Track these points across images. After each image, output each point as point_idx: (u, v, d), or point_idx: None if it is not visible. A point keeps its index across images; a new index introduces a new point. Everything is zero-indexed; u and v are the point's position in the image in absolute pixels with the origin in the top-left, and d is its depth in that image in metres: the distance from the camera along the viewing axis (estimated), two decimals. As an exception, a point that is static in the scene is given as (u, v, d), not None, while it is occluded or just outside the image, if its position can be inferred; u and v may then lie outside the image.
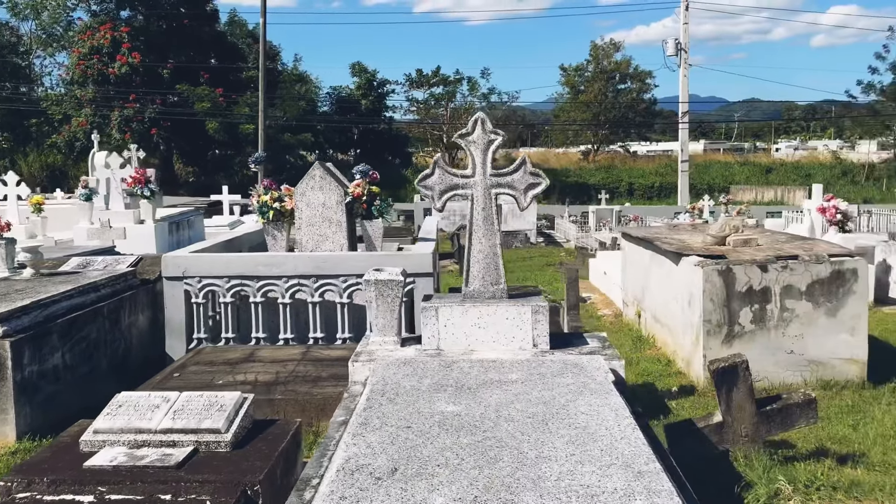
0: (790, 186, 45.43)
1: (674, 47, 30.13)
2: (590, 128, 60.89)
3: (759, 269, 5.79)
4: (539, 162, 57.43)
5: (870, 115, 48.27)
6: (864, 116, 49.33)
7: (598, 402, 2.88)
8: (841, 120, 54.75)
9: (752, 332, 5.84)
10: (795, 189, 44.37)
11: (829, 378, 5.86)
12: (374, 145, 42.85)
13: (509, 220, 20.21)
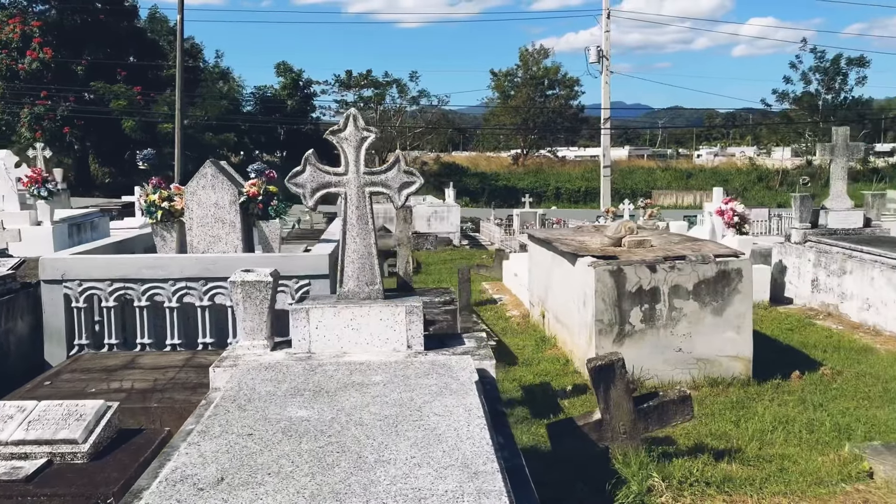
0: (709, 191, 47.21)
1: (596, 55, 30.81)
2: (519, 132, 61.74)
3: (649, 269, 5.90)
4: (469, 165, 57.89)
5: (784, 122, 50.69)
6: (779, 124, 51.77)
7: (455, 403, 2.83)
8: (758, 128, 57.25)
9: (643, 331, 5.95)
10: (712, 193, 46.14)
11: (717, 375, 6.03)
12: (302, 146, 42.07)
13: (432, 222, 20.22)
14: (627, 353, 5.92)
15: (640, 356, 5.95)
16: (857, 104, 47.97)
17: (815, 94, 47.96)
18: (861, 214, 9.31)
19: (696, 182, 51.29)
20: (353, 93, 46.85)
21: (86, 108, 36.29)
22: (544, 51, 62.02)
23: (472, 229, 25.51)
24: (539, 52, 61.50)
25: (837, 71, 47.10)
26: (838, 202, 9.40)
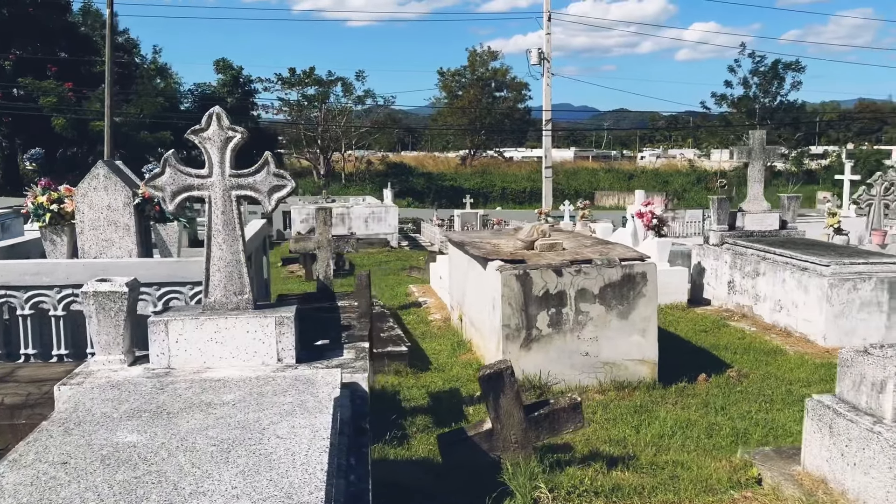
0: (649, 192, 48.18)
1: (537, 57, 30.97)
2: (466, 133, 61.80)
3: (555, 273, 5.84)
4: (416, 165, 57.72)
5: (722, 125, 52.05)
6: (717, 127, 53.13)
7: (304, 424, 2.66)
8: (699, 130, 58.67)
9: (550, 335, 5.88)
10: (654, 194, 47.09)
11: (623, 379, 6.00)
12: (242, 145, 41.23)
13: (370, 223, 19.97)
14: (535, 358, 5.87)
15: (548, 361, 5.88)
16: (792, 108, 49.59)
17: (753, 97, 49.41)
18: (777, 217, 9.49)
19: (637, 183, 52.13)
20: (296, 91, 46.09)
21: (13, 105, 34.79)
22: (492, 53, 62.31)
23: (414, 230, 25.34)
24: (487, 54, 61.75)
25: (775, 75, 48.64)
26: (755, 204, 9.56)
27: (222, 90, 41.50)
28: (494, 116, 61.50)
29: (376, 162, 49.98)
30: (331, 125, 45.51)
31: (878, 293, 7.33)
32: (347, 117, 46.13)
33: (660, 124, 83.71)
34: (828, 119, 76.22)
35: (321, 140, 45.90)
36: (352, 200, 23.19)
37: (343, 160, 47.35)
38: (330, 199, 23.00)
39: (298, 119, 46.04)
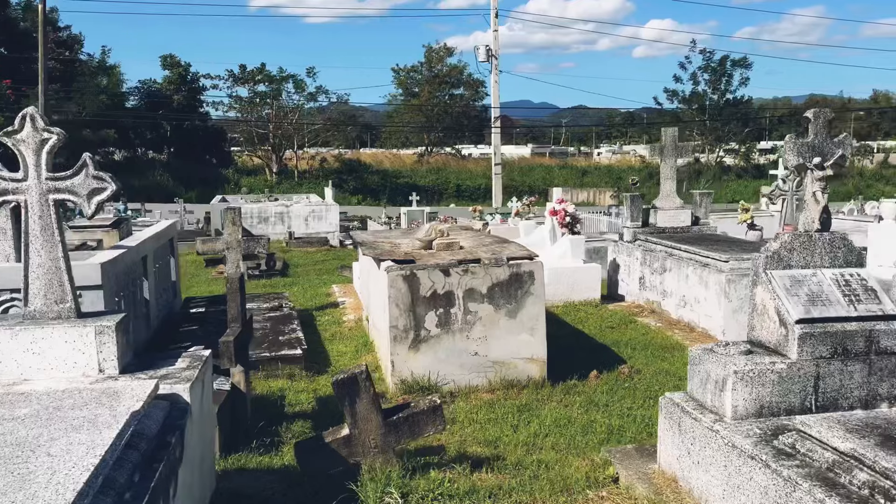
0: (601, 188, 48.72)
1: (485, 53, 31.03)
2: (423, 130, 61.65)
3: (442, 273, 5.79)
4: (373, 163, 57.38)
5: (673, 122, 52.85)
6: (668, 123, 53.93)
7: (84, 440, 2.55)
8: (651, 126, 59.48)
9: (439, 336, 5.84)
10: (606, 190, 47.63)
11: (513, 378, 5.99)
12: (190, 143, 40.56)
13: (310, 222, 19.76)
14: (424, 359, 5.82)
15: (437, 362, 5.84)
16: (740, 103, 50.56)
17: (703, 93, 50.27)
18: (689, 213, 9.60)
19: (590, 180, 52.80)
20: (246, 88, 45.38)
21: (-53, 102, 33.56)
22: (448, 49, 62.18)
23: (360, 228, 25.17)
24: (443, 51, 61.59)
25: (724, 72, 49.54)
26: (668, 201, 9.67)
27: (169, 87, 40.64)
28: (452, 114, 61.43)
29: (330, 159, 49.49)
30: (282, 122, 44.92)
31: (775, 288, 7.44)
32: (299, 114, 45.59)
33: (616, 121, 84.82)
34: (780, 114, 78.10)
35: (273, 137, 45.28)
36: (295, 198, 22.91)
37: (296, 158, 46.80)
38: (273, 197, 22.69)
39: (249, 116, 45.35)
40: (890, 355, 3.80)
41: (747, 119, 51.53)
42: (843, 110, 75.70)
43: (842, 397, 3.77)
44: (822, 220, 4.01)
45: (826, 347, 3.74)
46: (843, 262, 4.03)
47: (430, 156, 60.83)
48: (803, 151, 4.00)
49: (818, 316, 3.76)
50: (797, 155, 4.00)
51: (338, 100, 46.89)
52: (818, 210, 3.98)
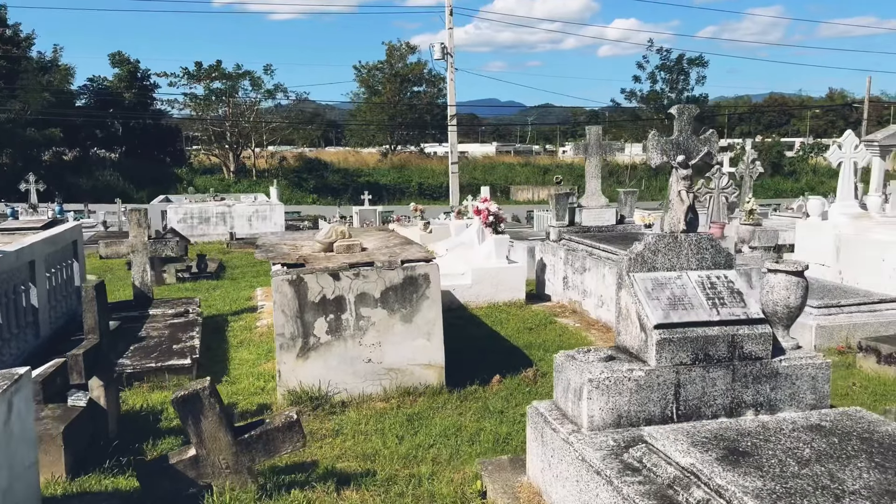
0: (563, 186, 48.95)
1: (440, 51, 30.81)
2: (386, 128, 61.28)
3: (332, 277, 5.56)
4: (336, 161, 56.84)
5: (631, 120, 53.31)
6: (626, 121, 54.40)
7: None
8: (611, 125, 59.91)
9: (329, 343, 5.61)
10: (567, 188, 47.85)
11: (409, 385, 5.79)
12: (142, 142, 39.66)
13: (254, 222, 19.37)
14: (313, 367, 5.58)
15: (328, 370, 5.61)
16: (696, 102, 51.15)
17: (661, 92, 50.73)
18: (614, 212, 9.51)
19: (550, 177, 52.92)
20: (202, 85, 44.51)
21: None
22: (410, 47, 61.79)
23: (311, 227, 24.81)
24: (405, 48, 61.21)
25: (680, 70, 50.05)
26: (593, 200, 9.56)
27: (119, 85, 39.69)
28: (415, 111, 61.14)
29: (290, 158, 48.89)
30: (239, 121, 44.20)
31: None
32: (256, 112, 44.90)
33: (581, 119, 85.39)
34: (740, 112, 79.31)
35: (230, 136, 44.53)
36: (243, 198, 22.46)
37: (254, 156, 46.11)
38: (219, 197, 22.20)
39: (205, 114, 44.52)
40: (754, 361, 3.68)
41: (703, 117, 52.17)
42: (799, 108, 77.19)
43: (705, 405, 3.64)
44: (689, 220, 3.87)
45: (686, 354, 3.61)
46: (711, 263, 3.90)
47: (394, 154, 60.48)
48: (667, 149, 3.86)
49: (678, 321, 3.62)
50: (661, 153, 3.85)
51: (296, 97, 46.24)
52: (683, 210, 3.84)
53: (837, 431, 3.17)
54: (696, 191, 10.80)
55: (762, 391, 3.68)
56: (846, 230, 9.44)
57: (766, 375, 3.68)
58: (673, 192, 3.89)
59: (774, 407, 3.70)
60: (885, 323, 7.52)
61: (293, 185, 47.68)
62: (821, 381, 3.75)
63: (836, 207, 10.01)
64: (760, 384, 3.67)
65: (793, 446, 3.02)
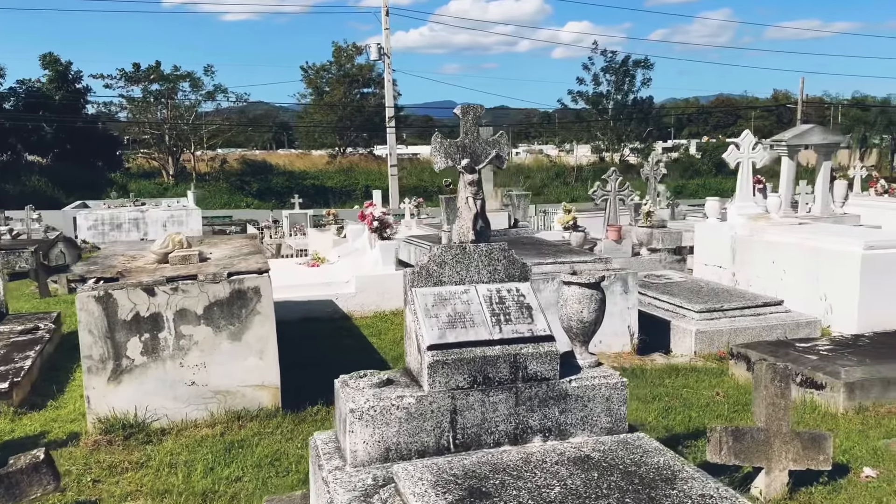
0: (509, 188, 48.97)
1: (377, 52, 30.38)
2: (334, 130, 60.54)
3: (146, 292, 5.09)
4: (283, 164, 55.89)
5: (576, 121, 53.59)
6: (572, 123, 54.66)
7: None
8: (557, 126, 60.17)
9: (145, 365, 5.13)
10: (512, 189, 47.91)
11: (240, 408, 5.35)
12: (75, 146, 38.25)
13: (169, 227, 18.64)
14: (127, 392, 5.10)
15: (144, 395, 5.14)
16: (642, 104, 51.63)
17: (606, 94, 51.06)
18: (507, 215, 9.21)
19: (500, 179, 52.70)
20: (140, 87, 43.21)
21: None
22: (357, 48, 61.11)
23: (238, 232, 24.12)
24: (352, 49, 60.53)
25: (626, 72, 50.43)
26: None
27: (50, 87, 38.25)
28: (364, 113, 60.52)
29: (231, 161, 47.83)
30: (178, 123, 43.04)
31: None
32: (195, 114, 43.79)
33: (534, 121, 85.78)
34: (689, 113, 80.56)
35: (168, 139, 43.34)
36: (164, 203, 21.69)
37: (194, 159, 44.96)
38: (140, 202, 21.39)
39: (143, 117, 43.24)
40: (540, 382, 3.35)
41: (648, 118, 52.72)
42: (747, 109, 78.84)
43: (486, 433, 3.29)
44: (479, 229, 3.53)
45: (463, 377, 3.25)
46: (504, 276, 3.56)
47: (343, 157, 59.76)
48: (451, 153, 3.51)
49: (454, 340, 3.27)
50: (445, 157, 3.50)
51: (237, 98, 45.22)
52: (470, 218, 3.50)
53: (603, 464, 2.85)
54: (592, 193, 10.59)
55: (550, 415, 3.35)
56: (742, 231, 9.30)
57: (554, 398, 3.35)
58: (461, 198, 3.55)
59: (565, 432, 3.37)
60: (768, 327, 7.35)
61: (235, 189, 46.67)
62: (616, 403, 3.44)
63: (734, 208, 9.88)
64: (548, 407, 3.34)
65: (543, 484, 2.68)
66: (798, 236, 8.47)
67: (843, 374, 5.41)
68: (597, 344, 7.32)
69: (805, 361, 5.75)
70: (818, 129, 12.50)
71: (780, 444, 4.14)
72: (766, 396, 4.16)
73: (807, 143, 12.36)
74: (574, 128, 53.79)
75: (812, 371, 5.58)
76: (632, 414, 5.52)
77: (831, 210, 12.58)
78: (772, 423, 4.16)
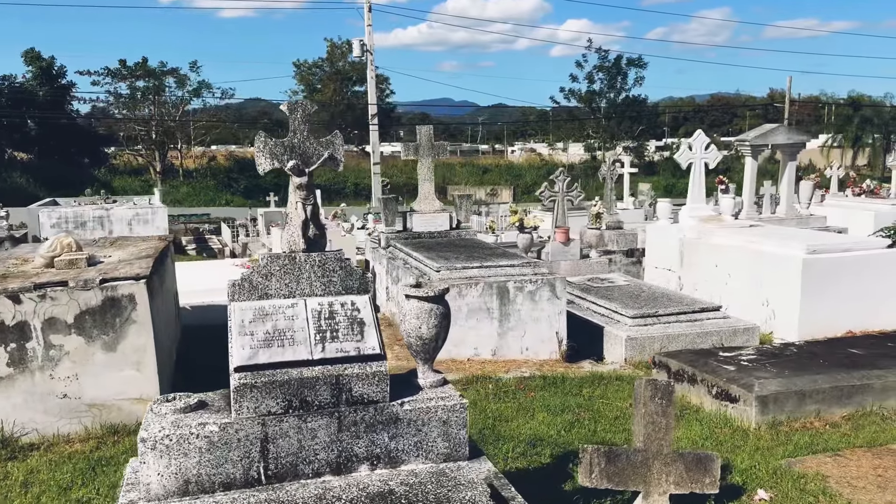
0: (500, 185, 48.64)
1: (360, 49, 30.05)
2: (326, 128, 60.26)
3: (11, 300, 4.79)
4: (272, 162, 55.61)
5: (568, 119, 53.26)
6: (565, 120, 54.33)
7: None
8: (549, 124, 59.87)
9: (12, 376, 4.84)
10: (503, 188, 47.61)
11: (118, 422, 5.05)
12: (59, 143, 37.96)
13: (134, 226, 18.36)
14: (-8, 404, 4.80)
15: (12, 409, 4.85)
16: (634, 102, 51.25)
17: (599, 92, 50.68)
18: (447, 217, 8.91)
19: (490, 177, 52.55)
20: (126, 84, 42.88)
21: None
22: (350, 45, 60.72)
23: (213, 231, 23.83)
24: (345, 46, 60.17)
25: (618, 71, 50.03)
26: (426, 204, 8.95)
27: (34, 83, 37.96)
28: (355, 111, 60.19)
29: (220, 157, 47.55)
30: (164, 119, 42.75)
31: (487, 298, 6.79)
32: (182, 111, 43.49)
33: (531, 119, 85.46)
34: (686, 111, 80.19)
35: (155, 135, 43.05)
36: (135, 200, 21.39)
37: (180, 156, 44.68)
38: (111, 199, 21.08)
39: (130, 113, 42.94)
40: (367, 405, 3.05)
41: (641, 117, 52.36)
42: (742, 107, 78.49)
43: (303, 462, 3.00)
44: (313, 237, 3.23)
45: (277, 401, 2.96)
46: (341, 288, 3.26)
47: (336, 154, 59.38)
48: (278, 153, 3.21)
49: (266, 361, 2.98)
50: (271, 157, 3.20)
51: (222, 94, 44.87)
52: (299, 224, 3.20)
53: (402, 500, 2.56)
54: (539, 194, 10.29)
55: (379, 441, 3.06)
56: (690, 234, 9.00)
57: (383, 422, 3.05)
58: (290, 203, 3.25)
59: (396, 459, 3.08)
60: (703, 333, 7.06)
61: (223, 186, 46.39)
62: (455, 427, 3.14)
63: (685, 210, 9.58)
64: (376, 433, 3.05)
65: (322, 528, 2.39)
66: (742, 239, 8.17)
67: (756, 386, 5.11)
68: (523, 351, 7.06)
69: (723, 372, 5.46)
70: (782, 128, 12.19)
71: (660, 467, 3.85)
72: (645, 414, 3.87)
73: (770, 142, 12.06)
74: (566, 126, 53.45)
75: (727, 383, 5.29)
76: (535, 427, 5.24)
77: (796, 211, 12.29)
78: (651, 443, 3.87)
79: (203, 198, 42.90)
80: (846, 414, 5.19)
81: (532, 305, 6.92)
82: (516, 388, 6.11)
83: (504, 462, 4.59)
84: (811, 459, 4.52)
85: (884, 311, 7.54)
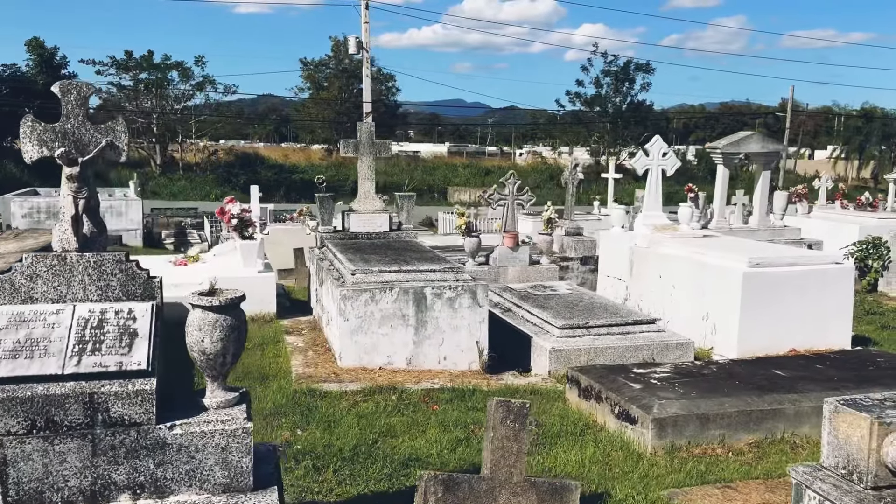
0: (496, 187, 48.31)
1: (356, 46, 29.77)
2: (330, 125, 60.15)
3: None
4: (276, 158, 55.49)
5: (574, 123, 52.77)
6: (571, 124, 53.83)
7: None
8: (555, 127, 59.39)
9: None
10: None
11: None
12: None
13: (107, 218, 18.07)
14: None
15: None
16: (640, 107, 50.70)
17: (605, 96, 50.15)
18: (387, 217, 8.56)
19: (492, 179, 52.09)
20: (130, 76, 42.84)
21: None
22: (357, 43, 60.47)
23: (195, 226, 23.58)
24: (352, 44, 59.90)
25: (626, 76, 49.48)
26: (365, 204, 8.61)
27: (34, 71, 37.98)
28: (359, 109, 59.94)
29: (221, 152, 47.47)
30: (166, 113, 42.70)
31: (402, 305, 6.43)
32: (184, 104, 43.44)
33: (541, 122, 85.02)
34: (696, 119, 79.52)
35: (156, 128, 43.02)
36: (117, 192, 21.20)
37: (181, 150, 44.63)
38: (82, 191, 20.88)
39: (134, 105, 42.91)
40: (129, 428, 2.70)
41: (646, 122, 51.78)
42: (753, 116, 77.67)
43: (51, 489, 2.65)
44: (89, 235, 2.89)
45: (17, 419, 2.62)
46: (121, 293, 2.92)
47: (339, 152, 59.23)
48: (47, 139, 2.87)
49: (6, 374, 2.63)
50: (39, 144, 2.87)
51: (225, 90, 44.75)
52: (70, 220, 2.86)
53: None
54: (488, 197, 9.90)
55: (143, 468, 2.71)
56: (641, 243, 8.60)
57: (148, 447, 2.71)
58: (62, 195, 2.91)
59: (164, 489, 2.73)
60: (633, 347, 6.66)
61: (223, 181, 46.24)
62: (236, 454, 2.78)
63: (640, 217, 9.17)
64: (139, 459, 2.70)
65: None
66: (689, 250, 7.76)
67: (655, 408, 4.73)
68: (441, 360, 6.69)
69: (627, 391, 5.07)
70: (756, 136, 11.74)
71: (507, 497, 3.49)
72: (494, 439, 3.51)
73: (744, 151, 11.63)
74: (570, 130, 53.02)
75: (628, 402, 4.90)
76: (419, 445, 4.87)
77: (769, 222, 11.84)
78: (499, 470, 3.51)
79: (201, 192, 42.77)
80: (753, 440, 4.79)
81: (451, 313, 6.55)
82: (420, 401, 5.75)
83: (365, 485, 4.24)
84: (697, 491, 4.13)
85: (831, 330, 7.12)
